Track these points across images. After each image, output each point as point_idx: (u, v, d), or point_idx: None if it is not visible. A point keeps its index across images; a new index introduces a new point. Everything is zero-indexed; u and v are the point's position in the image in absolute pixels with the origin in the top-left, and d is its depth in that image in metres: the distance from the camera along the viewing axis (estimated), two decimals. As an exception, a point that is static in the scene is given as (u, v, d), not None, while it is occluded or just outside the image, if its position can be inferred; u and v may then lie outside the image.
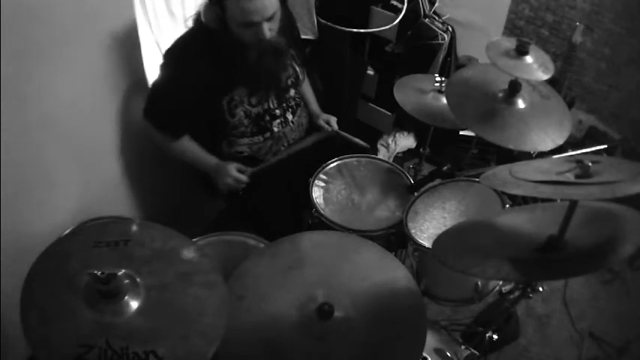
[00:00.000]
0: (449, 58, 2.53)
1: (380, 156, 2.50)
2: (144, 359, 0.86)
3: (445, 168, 1.59)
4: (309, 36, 2.32)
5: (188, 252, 1.07)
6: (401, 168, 1.79)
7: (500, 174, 1.08)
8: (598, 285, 2.34)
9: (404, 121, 2.74)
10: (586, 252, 0.99)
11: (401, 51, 2.48)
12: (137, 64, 1.70)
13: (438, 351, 1.52)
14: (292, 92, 1.79)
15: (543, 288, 1.40)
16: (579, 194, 0.94)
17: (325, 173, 1.77)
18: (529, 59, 1.49)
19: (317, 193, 1.71)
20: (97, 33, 1.48)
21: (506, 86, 1.53)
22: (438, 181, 1.62)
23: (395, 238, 1.64)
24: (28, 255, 0.97)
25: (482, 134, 1.49)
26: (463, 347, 1.55)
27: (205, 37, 1.53)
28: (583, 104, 2.71)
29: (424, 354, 1.46)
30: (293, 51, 1.77)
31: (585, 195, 0.93)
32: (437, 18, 2.46)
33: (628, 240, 0.93)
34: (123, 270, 0.93)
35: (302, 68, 1.83)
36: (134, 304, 0.92)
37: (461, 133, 2.52)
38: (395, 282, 1.21)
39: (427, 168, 1.97)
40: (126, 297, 0.92)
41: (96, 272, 0.89)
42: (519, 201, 2.22)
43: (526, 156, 1.89)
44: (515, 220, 1.20)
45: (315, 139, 1.83)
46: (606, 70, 2.57)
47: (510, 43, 1.51)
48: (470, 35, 2.57)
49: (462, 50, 2.63)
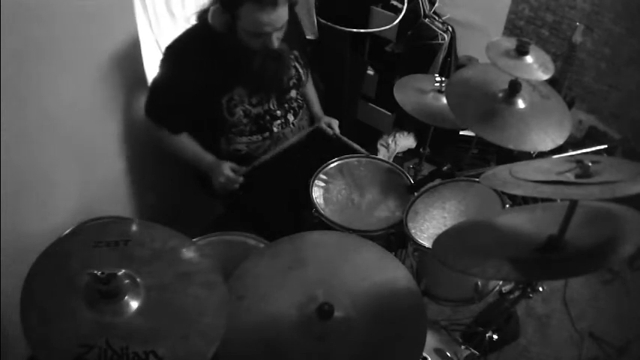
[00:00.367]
0: (449, 58, 2.53)
1: (380, 156, 2.51)
2: (144, 359, 0.86)
3: (445, 168, 1.59)
4: (309, 36, 2.32)
5: (188, 252, 1.07)
6: (401, 168, 1.79)
7: (500, 174, 1.08)
8: (598, 285, 2.34)
9: (404, 121, 2.74)
10: (586, 252, 0.99)
11: (401, 51, 2.48)
12: (137, 64, 1.70)
13: (438, 351, 1.52)
14: (294, 93, 1.78)
15: (543, 288, 1.40)
16: (579, 194, 0.94)
17: (325, 173, 1.77)
18: (529, 59, 1.49)
19: (317, 193, 1.70)
20: (97, 33, 1.48)
21: (506, 86, 1.53)
22: (438, 181, 1.61)
23: (395, 238, 1.64)
24: (28, 255, 0.97)
25: (482, 134, 1.49)
26: (463, 347, 1.55)
27: (208, 37, 1.53)
28: (583, 104, 2.71)
29: (424, 354, 1.46)
30: (296, 52, 1.77)
31: (585, 195, 0.93)
32: (437, 18, 2.46)
33: (628, 240, 0.93)
34: (123, 270, 0.93)
35: (305, 70, 1.82)
36: (134, 304, 0.92)
37: (461, 133, 2.52)
38: (395, 282, 1.21)
39: (427, 168, 1.97)
40: (126, 297, 0.92)
41: (96, 272, 0.89)
42: (519, 201, 2.22)
43: (526, 156, 1.89)
44: (515, 220, 1.20)
45: (304, 133, 1.82)
46: (606, 70, 2.57)
47: (510, 43, 1.51)
48: (470, 35, 2.57)
49: (462, 50, 2.63)
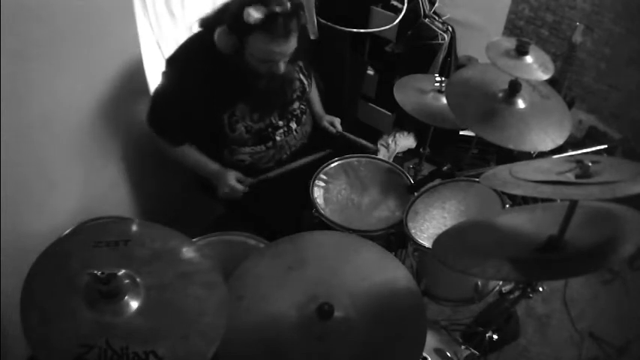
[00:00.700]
0: (449, 58, 2.53)
1: (380, 156, 2.50)
2: (144, 359, 0.86)
3: (445, 168, 1.59)
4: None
5: (188, 252, 1.07)
6: (401, 168, 1.79)
7: (500, 174, 1.08)
8: (598, 285, 2.34)
9: (404, 121, 2.74)
10: (586, 252, 0.99)
11: (401, 51, 2.48)
12: (137, 64, 1.70)
13: (438, 351, 1.52)
14: (297, 105, 1.77)
15: (543, 288, 1.40)
16: (579, 194, 0.94)
17: (325, 173, 1.77)
18: (529, 59, 1.49)
19: (317, 193, 1.70)
20: (97, 33, 1.48)
21: (506, 86, 1.53)
22: (438, 181, 1.61)
23: (395, 238, 1.64)
24: (28, 255, 0.97)
25: (482, 134, 1.49)
26: (463, 347, 1.55)
27: (212, 53, 1.50)
28: (583, 104, 2.71)
29: (424, 354, 1.46)
30: (301, 62, 1.75)
31: (585, 195, 0.93)
32: (437, 18, 2.46)
33: (628, 240, 0.93)
34: (123, 270, 0.93)
35: (309, 80, 1.80)
36: (134, 304, 0.92)
37: (461, 133, 2.52)
38: (395, 282, 1.21)
39: (427, 168, 1.97)
40: (126, 297, 0.92)
41: (96, 272, 0.89)
42: (519, 201, 2.22)
43: (526, 156, 1.89)
44: (515, 220, 1.20)
45: (318, 157, 1.79)
46: (606, 70, 2.57)
47: (510, 43, 1.51)
48: (470, 35, 2.57)
49: (462, 50, 2.63)
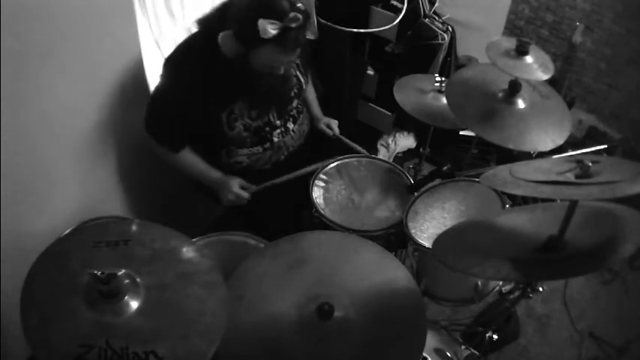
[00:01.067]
0: (449, 58, 2.53)
1: (380, 156, 2.51)
2: (144, 359, 0.86)
3: (445, 168, 1.59)
4: (309, 36, 2.31)
5: (188, 252, 1.07)
6: (401, 168, 1.79)
7: (500, 174, 1.08)
8: (598, 285, 2.34)
9: (404, 121, 2.74)
10: (586, 252, 0.99)
11: (401, 51, 2.48)
12: (137, 64, 1.70)
13: (438, 351, 1.52)
14: (294, 103, 1.77)
15: (543, 288, 1.40)
16: (579, 194, 0.94)
17: (325, 173, 1.77)
18: (529, 59, 1.49)
19: (317, 193, 1.70)
20: (97, 33, 1.48)
21: (506, 86, 1.53)
22: (438, 181, 1.61)
23: (395, 238, 1.64)
24: (28, 255, 0.97)
25: (482, 134, 1.49)
26: (463, 347, 1.55)
27: (210, 53, 1.49)
28: (583, 104, 2.71)
29: (424, 354, 1.46)
30: (298, 60, 1.75)
31: (585, 195, 0.93)
32: (437, 18, 2.46)
33: (628, 240, 0.93)
34: (123, 270, 0.93)
35: (305, 77, 1.80)
36: (134, 304, 0.92)
37: (461, 133, 2.52)
38: (395, 282, 1.21)
39: (427, 168, 1.97)
40: (126, 297, 0.92)
41: (96, 272, 0.89)
42: (519, 201, 2.21)
43: (526, 156, 1.89)
44: (515, 220, 1.20)
45: (323, 165, 1.77)
46: (606, 70, 2.57)
47: (510, 43, 1.51)
48: (470, 35, 2.57)
49: (462, 50, 2.63)
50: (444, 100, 1.68)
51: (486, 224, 1.25)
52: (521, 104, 1.53)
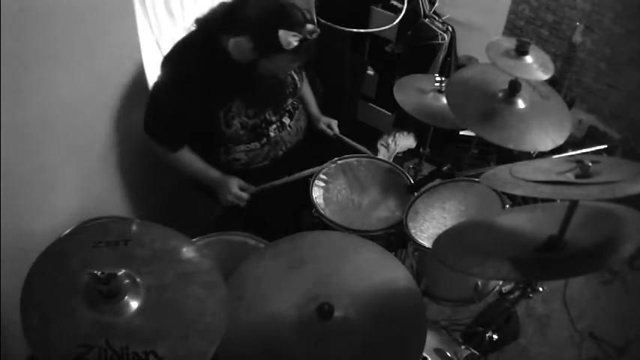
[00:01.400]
0: (449, 58, 2.53)
1: (380, 156, 2.51)
2: (144, 359, 0.86)
3: (445, 168, 1.59)
4: (309, 36, 2.31)
5: (188, 252, 1.07)
6: (401, 168, 1.79)
7: (500, 174, 1.08)
8: (598, 285, 2.34)
9: (404, 121, 2.74)
10: (586, 252, 0.99)
11: (401, 51, 2.48)
12: (137, 64, 1.70)
13: (438, 351, 1.52)
14: (289, 101, 1.78)
15: (543, 288, 1.40)
16: (579, 194, 0.94)
17: (325, 173, 1.77)
18: (529, 59, 1.49)
19: (317, 193, 1.70)
20: (97, 33, 1.48)
21: (506, 86, 1.53)
22: (438, 181, 1.61)
23: (395, 238, 1.64)
24: (28, 255, 0.97)
25: (482, 134, 1.49)
26: (463, 347, 1.55)
27: (210, 51, 1.50)
28: (583, 104, 2.71)
29: (424, 354, 1.46)
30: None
31: (585, 195, 0.93)
32: (437, 18, 2.46)
33: (628, 240, 0.93)
34: (123, 270, 0.93)
35: (300, 75, 1.81)
36: (134, 304, 0.92)
37: (461, 133, 2.52)
38: (395, 282, 1.21)
39: (427, 168, 1.97)
40: (126, 297, 0.92)
41: (96, 272, 0.89)
42: (519, 201, 2.22)
43: (526, 156, 1.89)
44: (515, 220, 1.20)
45: (324, 168, 1.77)
46: (606, 70, 2.57)
47: (510, 43, 1.51)
48: (470, 35, 2.57)
49: (462, 50, 2.63)
50: (444, 100, 1.68)
51: (486, 224, 1.25)
52: (521, 104, 1.53)
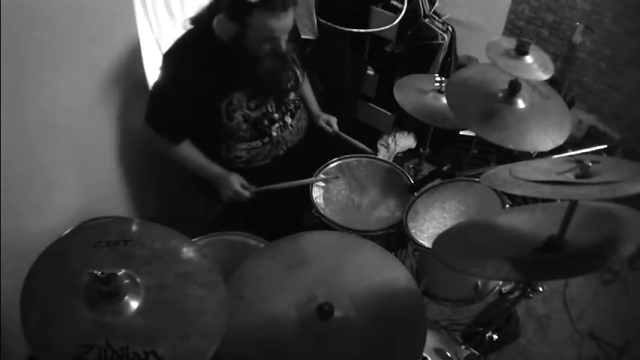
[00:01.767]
0: (449, 58, 2.53)
1: (380, 156, 2.50)
2: (144, 359, 0.86)
3: (445, 168, 1.59)
4: (309, 36, 2.31)
5: (188, 252, 1.07)
6: (401, 168, 1.79)
7: (500, 174, 1.08)
8: (598, 285, 2.34)
9: (404, 121, 2.74)
10: (586, 252, 0.99)
11: (401, 51, 2.48)
12: (137, 64, 1.70)
13: (438, 351, 1.52)
14: (292, 95, 1.78)
15: (543, 288, 1.40)
16: (579, 194, 0.94)
17: (325, 173, 1.77)
18: (529, 59, 1.49)
19: (317, 193, 1.70)
20: (97, 33, 1.48)
21: (506, 86, 1.53)
22: (438, 181, 1.61)
23: (395, 238, 1.64)
24: (28, 255, 0.97)
25: (482, 134, 1.49)
26: (463, 347, 1.55)
27: (208, 43, 1.51)
28: (583, 104, 2.71)
29: (424, 354, 1.46)
30: (293, 53, 1.76)
31: (585, 195, 0.93)
32: (437, 18, 2.46)
33: (628, 240, 0.93)
34: (123, 270, 0.93)
35: (301, 70, 1.82)
36: (134, 304, 0.92)
37: (461, 133, 2.52)
38: (395, 282, 1.21)
39: (427, 168, 1.97)
40: (126, 297, 0.92)
41: (96, 272, 0.89)
42: (519, 201, 2.22)
43: (526, 156, 1.89)
44: (515, 220, 1.20)
45: (326, 177, 1.77)
46: (606, 70, 2.57)
47: (510, 43, 1.51)
48: (470, 35, 2.57)
49: (462, 50, 2.63)
50: (444, 100, 1.68)
51: (486, 224, 1.25)
52: (521, 104, 1.53)
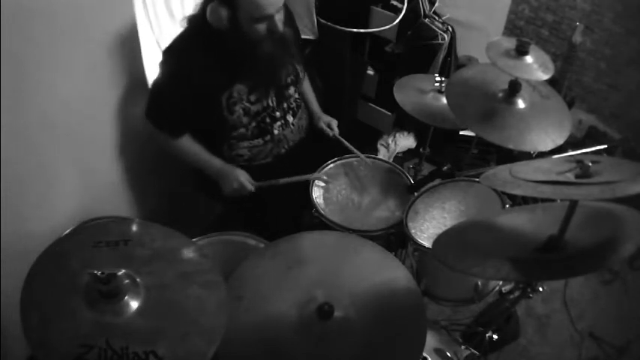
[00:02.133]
0: (449, 58, 2.53)
1: (380, 156, 2.51)
2: (144, 359, 0.86)
3: (445, 168, 1.59)
4: (309, 36, 2.31)
5: (188, 252, 1.07)
6: (401, 168, 1.79)
7: (500, 174, 1.08)
8: (598, 285, 2.34)
9: (404, 121, 2.74)
10: (586, 252, 0.99)
11: (401, 51, 2.48)
12: (137, 64, 1.70)
13: (438, 351, 1.52)
14: (292, 90, 1.78)
15: (543, 288, 1.40)
16: (579, 194, 0.94)
17: (325, 173, 1.77)
18: (529, 59, 1.49)
19: (317, 193, 1.70)
20: (97, 33, 1.48)
21: (506, 86, 1.53)
22: (438, 181, 1.61)
23: (395, 238, 1.64)
24: (28, 255, 0.97)
25: (482, 134, 1.49)
26: (463, 347, 1.55)
27: (207, 36, 1.52)
28: (583, 104, 2.71)
29: (424, 354, 1.46)
30: (294, 49, 1.76)
31: (585, 195, 0.93)
32: (437, 18, 2.46)
33: (628, 240, 0.93)
34: (123, 270, 0.93)
35: (302, 67, 1.82)
36: (134, 304, 0.92)
37: (461, 133, 2.52)
38: (395, 282, 1.21)
39: (427, 168, 1.97)
40: (126, 297, 0.92)
41: (96, 272, 0.89)
42: (519, 201, 2.22)
43: (526, 156, 1.89)
44: (515, 220, 1.20)
45: (325, 177, 1.78)
46: (606, 70, 2.57)
47: (510, 43, 1.51)
48: (470, 35, 2.57)
49: (462, 50, 2.62)
50: (444, 100, 1.68)
51: (486, 224, 1.25)
52: (521, 104, 1.53)
